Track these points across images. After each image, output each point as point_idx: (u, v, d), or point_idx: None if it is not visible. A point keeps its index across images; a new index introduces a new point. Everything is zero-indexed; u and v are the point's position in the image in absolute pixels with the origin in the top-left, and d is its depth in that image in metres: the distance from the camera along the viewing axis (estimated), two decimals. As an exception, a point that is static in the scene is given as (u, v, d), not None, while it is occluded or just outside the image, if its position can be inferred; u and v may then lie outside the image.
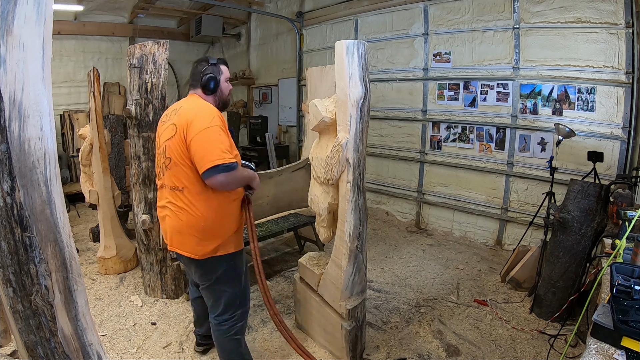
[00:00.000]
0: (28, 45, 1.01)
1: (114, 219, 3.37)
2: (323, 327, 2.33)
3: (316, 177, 2.16)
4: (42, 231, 1.09)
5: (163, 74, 2.67)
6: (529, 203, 3.84)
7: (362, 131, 1.98)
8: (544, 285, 2.69)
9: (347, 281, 2.13)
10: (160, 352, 2.33)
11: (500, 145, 3.99)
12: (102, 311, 2.75)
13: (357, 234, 2.08)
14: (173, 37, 7.65)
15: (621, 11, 3.13)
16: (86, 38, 6.55)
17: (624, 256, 1.65)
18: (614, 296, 1.27)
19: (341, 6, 5.42)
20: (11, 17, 0.97)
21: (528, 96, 3.74)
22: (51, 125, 1.09)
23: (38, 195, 1.08)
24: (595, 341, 1.21)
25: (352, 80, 1.89)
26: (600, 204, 2.47)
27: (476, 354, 2.34)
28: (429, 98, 4.54)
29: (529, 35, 3.68)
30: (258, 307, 2.86)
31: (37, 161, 1.06)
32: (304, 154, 4.12)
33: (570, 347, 2.29)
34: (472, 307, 2.87)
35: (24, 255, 1.08)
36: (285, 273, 3.43)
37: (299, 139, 6.42)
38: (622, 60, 3.17)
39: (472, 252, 3.94)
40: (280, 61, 6.81)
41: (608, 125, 3.30)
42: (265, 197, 3.46)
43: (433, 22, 4.43)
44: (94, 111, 3.16)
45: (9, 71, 0.98)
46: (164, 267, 2.87)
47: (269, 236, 3.13)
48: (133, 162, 2.78)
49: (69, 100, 6.36)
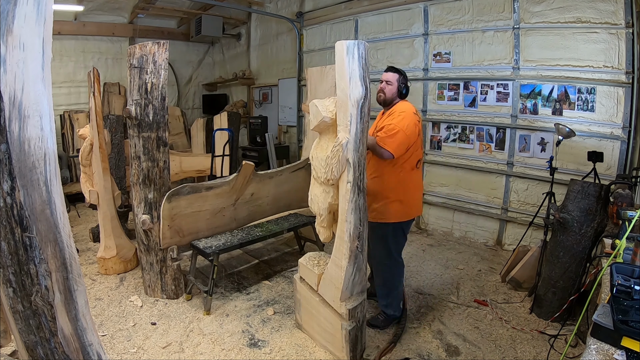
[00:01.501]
0: (28, 45, 1.01)
1: (114, 219, 3.37)
2: (323, 327, 2.33)
3: (316, 177, 2.16)
4: (42, 231, 1.09)
5: (163, 74, 2.67)
6: (529, 203, 3.84)
7: (363, 131, 1.98)
8: (544, 285, 2.69)
9: (347, 281, 2.12)
10: (160, 352, 2.33)
11: (500, 146, 3.99)
12: (102, 311, 2.75)
13: (357, 234, 2.08)
14: (173, 37, 7.65)
15: (621, 11, 3.13)
16: (86, 38, 6.55)
17: (624, 256, 1.65)
18: (614, 296, 1.27)
19: (341, 6, 5.42)
20: (11, 17, 0.97)
21: (528, 96, 3.74)
22: (51, 125, 1.09)
23: (38, 195, 1.08)
24: (595, 341, 1.21)
25: (353, 80, 1.89)
26: (600, 204, 2.47)
27: (476, 354, 2.34)
28: (429, 98, 4.54)
29: (529, 35, 3.68)
30: (258, 307, 2.86)
31: (37, 161, 1.06)
32: (304, 154, 4.12)
33: (571, 347, 2.29)
34: (472, 307, 2.87)
35: (24, 256, 1.08)
36: (285, 273, 3.43)
37: (299, 139, 6.42)
38: (622, 60, 3.17)
39: (472, 252, 3.94)
40: (280, 61, 6.80)
41: (608, 125, 3.30)
42: (265, 197, 3.46)
43: (433, 22, 4.42)
44: (94, 111, 3.16)
45: (9, 71, 0.98)
46: (164, 267, 2.87)
47: (269, 236, 3.13)
48: (133, 162, 2.78)
49: (69, 100, 6.36)
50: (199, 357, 2.30)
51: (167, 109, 2.75)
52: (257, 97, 7.45)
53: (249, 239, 2.99)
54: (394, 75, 2.29)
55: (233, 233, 3.09)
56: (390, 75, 2.30)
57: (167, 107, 2.77)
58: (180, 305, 2.86)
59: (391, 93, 2.29)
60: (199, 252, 2.85)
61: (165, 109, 2.74)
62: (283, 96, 6.75)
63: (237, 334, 2.52)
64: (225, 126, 5.29)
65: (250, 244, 3.22)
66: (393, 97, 2.30)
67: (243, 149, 6.91)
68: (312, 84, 3.96)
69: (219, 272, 3.35)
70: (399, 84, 2.28)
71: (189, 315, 2.73)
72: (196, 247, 2.83)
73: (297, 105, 6.45)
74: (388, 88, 2.30)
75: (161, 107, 2.70)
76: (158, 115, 2.70)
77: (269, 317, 2.72)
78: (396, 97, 2.31)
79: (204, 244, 2.83)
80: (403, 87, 2.29)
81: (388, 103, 2.33)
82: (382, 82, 2.32)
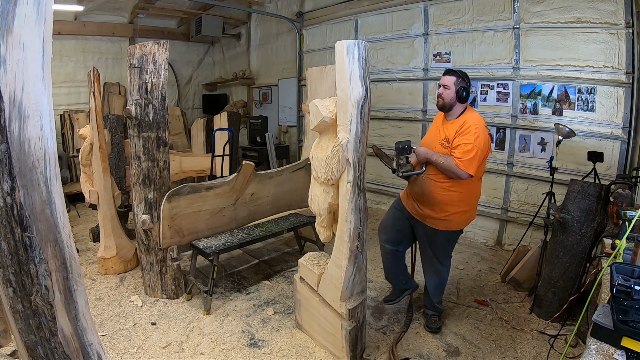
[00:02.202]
0: (28, 45, 1.01)
1: (114, 219, 3.36)
2: (323, 327, 2.33)
3: (316, 177, 2.16)
4: (42, 231, 1.09)
5: (163, 74, 2.67)
6: (529, 203, 3.84)
7: (363, 131, 1.98)
8: (544, 285, 2.69)
9: (347, 281, 2.12)
10: (160, 352, 2.33)
11: (500, 145, 3.99)
12: (102, 311, 2.75)
13: (357, 234, 2.08)
14: (173, 37, 7.65)
15: (621, 11, 3.13)
16: (86, 38, 6.55)
17: (624, 256, 1.65)
18: (614, 296, 1.27)
19: (341, 6, 5.42)
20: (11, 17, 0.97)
21: (528, 96, 3.74)
22: (51, 125, 1.09)
23: (38, 195, 1.08)
24: (595, 341, 1.21)
25: (353, 80, 1.89)
26: (600, 204, 2.46)
27: (476, 354, 2.34)
28: (429, 98, 4.54)
29: (529, 35, 3.68)
30: (258, 307, 2.86)
31: (37, 161, 1.06)
32: (304, 154, 4.12)
33: (571, 347, 2.29)
34: (472, 307, 2.87)
35: (24, 255, 1.08)
36: (285, 273, 3.43)
37: (299, 139, 6.42)
38: (622, 60, 3.17)
39: (472, 252, 3.94)
40: (280, 61, 6.81)
41: (608, 125, 3.30)
42: (265, 197, 3.46)
43: (433, 22, 4.42)
44: (94, 111, 3.16)
45: (9, 71, 0.98)
46: (164, 267, 2.87)
47: (269, 236, 3.13)
48: (133, 162, 2.78)
49: (69, 100, 6.36)
50: (199, 357, 2.30)
51: (167, 109, 2.75)
52: (257, 97, 7.45)
53: (249, 239, 2.99)
54: (451, 79, 2.18)
55: (233, 233, 3.09)
56: (448, 79, 2.19)
57: (167, 107, 2.77)
58: (180, 305, 2.86)
59: (449, 97, 2.19)
60: (199, 252, 2.85)
61: (165, 109, 2.74)
62: (283, 96, 6.75)
63: (237, 334, 2.52)
64: (225, 126, 5.29)
65: (250, 244, 3.22)
66: (452, 101, 2.21)
67: (243, 149, 6.92)
68: (312, 84, 3.96)
69: (219, 272, 3.35)
70: (457, 87, 2.17)
71: (189, 315, 2.73)
72: (196, 247, 2.83)
73: (297, 105, 6.45)
74: (446, 92, 2.20)
75: (161, 107, 2.70)
76: (158, 115, 2.70)
77: (269, 317, 2.72)
78: (455, 102, 2.21)
79: (204, 244, 2.83)
80: (462, 90, 2.17)
81: (448, 108, 2.24)
82: (440, 86, 2.23)
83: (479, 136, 2.09)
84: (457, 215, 2.30)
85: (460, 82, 2.17)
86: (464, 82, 2.17)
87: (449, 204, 2.26)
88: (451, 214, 2.28)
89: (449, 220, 2.30)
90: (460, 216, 2.32)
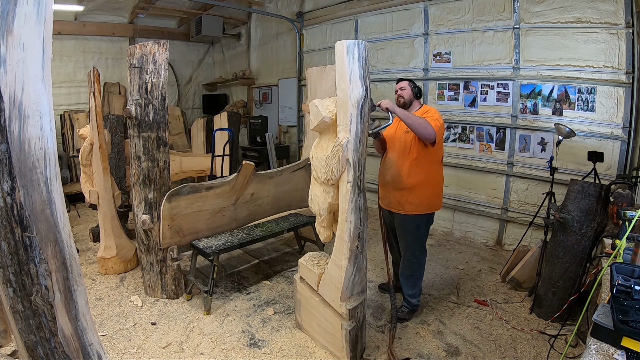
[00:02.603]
0: (28, 45, 1.01)
1: (114, 219, 3.37)
2: (323, 327, 2.33)
3: (316, 177, 2.16)
4: (42, 231, 1.09)
5: (163, 74, 2.67)
6: (529, 203, 3.84)
7: (363, 131, 1.98)
8: (544, 285, 2.69)
9: (347, 281, 2.12)
10: (160, 352, 2.33)
11: (500, 145, 3.99)
12: (102, 311, 2.75)
13: (358, 234, 2.08)
14: (173, 37, 7.66)
15: (621, 11, 3.13)
16: (86, 38, 6.55)
17: (624, 256, 1.65)
18: (614, 296, 1.27)
19: (341, 6, 5.42)
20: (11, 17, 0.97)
21: (528, 96, 3.74)
22: (51, 125, 1.09)
23: (38, 195, 1.08)
24: (596, 341, 1.21)
25: (353, 80, 1.89)
26: (600, 204, 2.46)
27: (476, 354, 2.34)
28: (429, 98, 4.54)
29: (529, 35, 3.68)
30: (258, 307, 2.86)
31: (37, 161, 1.06)
32: (304, 154, 4.12)
33: (571, 347, 2.29)
34: (472, 307, 2.87)
35: (24, 255, 1.08)
36: (285, 273, 3.43)
37: (299, 139, 6.42)
38: (622, 60, 3.17)
39: (472, 252, 3.94)
40: (280, 61, 6.81)
41: (608, 125, 3.30)
42: (265, 197, 3.46)
43: (433, 22, 4.43)
44: (94, 111, 3.16)
45: (9, 71, 0.98)
46: (164, 267, 2.87)
47: (269, 236, 3.13)
48: (133, 162, 2.78)
49: (69, 100, 6.37)
50: (199, 357, 2.30)
51: (167, 109, 2.75)
52: (257, 97, 7.45)
53: (249, 239, 2.99)
54: (405, 82, 2.64)
55: (233, 233, 3.09)
56: (403, 83, 2.65)
57: (167, 107, 2.77)
58: (180, 305, 2.86)
59: (408, 95, 2.60)
60: (199, 252, 2.85)
61: (166, 109, 2.74)
62: (283, 96, 6.75)
63: (237, 334, 2.52)
64: (225, 126, 5.29)
65: (250, 244, 3.22)
66: (411, 98, 2.61)
67: (243, 149, 6.92)
68: (312, 84, 3.96)
69: (219, 272, 3.35)
70: (411, 87, 2.61)
71: (189, 315, 2.73)
72: (196, 247, 2.83)
73: (297, 105, 6.45)
74: (404, 92, 2.61)
75: (161, 107, 2.70)
76: (158, 115, 2.70)
77: (269, 317, 2.72)
78: (413, 98, 2.61)
79: (204, 244, 2.83)
80: (416, 89, 2.63)
81: (408, 105, 2.61)
82: (397, 90, 2.63)
83: (436, 112, 2.50)
84: (425, 197, 2.54)
85: (412, 84, 2.64)
86: (414, 84, 2.65)
87: (417, 185, 2.51)
88: (419, 196, 2.52)
89: (416, 203, 2.53)
90: (427, 198, 2.55)
